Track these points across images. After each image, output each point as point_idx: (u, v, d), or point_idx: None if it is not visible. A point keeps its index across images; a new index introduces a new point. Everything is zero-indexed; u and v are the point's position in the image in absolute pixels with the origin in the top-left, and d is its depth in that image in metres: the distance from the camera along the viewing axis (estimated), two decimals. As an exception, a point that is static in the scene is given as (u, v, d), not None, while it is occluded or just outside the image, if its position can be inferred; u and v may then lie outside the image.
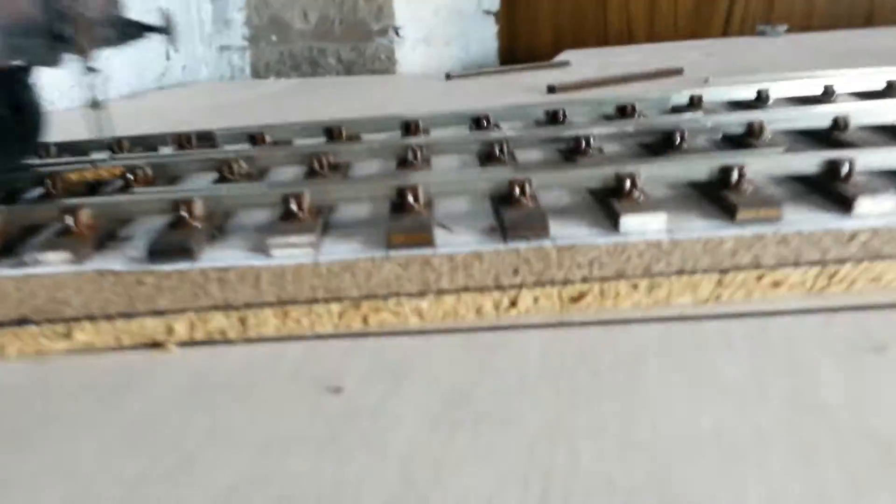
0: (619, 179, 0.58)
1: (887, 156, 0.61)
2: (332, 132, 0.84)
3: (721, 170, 0.58)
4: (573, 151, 0.72)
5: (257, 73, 1.87)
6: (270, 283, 0.48)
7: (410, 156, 0.70)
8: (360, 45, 1.76)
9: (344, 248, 0.54)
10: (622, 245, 0.52)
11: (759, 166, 0.59)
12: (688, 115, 0.75)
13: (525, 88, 1.35)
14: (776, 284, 0.49)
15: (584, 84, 1.28)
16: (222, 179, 0.68)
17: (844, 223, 0.54)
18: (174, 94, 1.71)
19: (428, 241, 0.53)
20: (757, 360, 0.42)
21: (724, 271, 0.49)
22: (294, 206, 0.55)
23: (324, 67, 1.80)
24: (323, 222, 0.57)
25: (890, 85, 0.94)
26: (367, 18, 1.74)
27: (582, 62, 1.65)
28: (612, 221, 0.55)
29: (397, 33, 1.74)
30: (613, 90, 1.23)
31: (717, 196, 0.58)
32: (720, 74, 1.31)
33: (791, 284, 0.49)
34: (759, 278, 0.49)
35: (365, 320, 0.46)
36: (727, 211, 0.56)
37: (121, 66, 1.70)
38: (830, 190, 0.58)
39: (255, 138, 0.84)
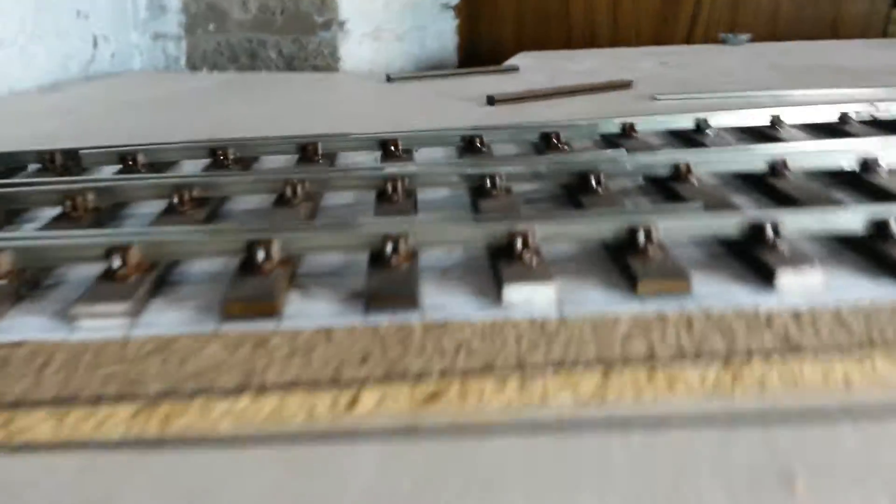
0: (510, 238, 0.50)
1: (819, 217, 0.53)
2: (216, 155, 0.74)
3: (628, 230, 0.50)
4: (479, 191, 0.64)
5: (193, 64, 1.76)
6: (58, 370, 0.39)
7: (290, 192, 0.61)
8: (303, 38, 1.66)
9: (170, 319, 0.45)
10: (500, 325, 0.44)
11: (670, 226, 0.51)
12: (608, 153, 0.67)
13: (465, 97, 1.27)
14: (671, 383, 0.41)
15: (527, 95, 1.20)
16: (62, 217, 0.58)
17: (762, 300, 0.46)
18: (98, 86, 1.59)
19: (272, 312, 0.45)
20: (634, 496, 0.34)
21: (610, 365, 0.41)
22: (118, 263, 0.47)
23: (263, 61, 1.70)
24: (155, 281, 0.48)
25: (843, 118, 0.86)
26: (310, 10, 1.64)
27: (533, 68, 1.57)
28: (497, 291, 0.47)
29: (342, 27, 1.64)
30: (553, 104, 1.15)
31: (622, 261, 0.50)
32: (671, 89, 1.24)
33: (687, 383, 0.41)
34: (651, 375, 0.41)
35: (164, 425, 0.37)
36: (629, 280, 0.49)
37: (41, 53, 1.57)
38: (751, 256, 0.51)
39: (126, 160, 0.73)
